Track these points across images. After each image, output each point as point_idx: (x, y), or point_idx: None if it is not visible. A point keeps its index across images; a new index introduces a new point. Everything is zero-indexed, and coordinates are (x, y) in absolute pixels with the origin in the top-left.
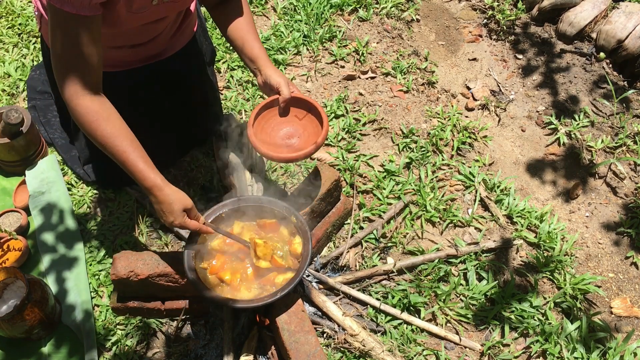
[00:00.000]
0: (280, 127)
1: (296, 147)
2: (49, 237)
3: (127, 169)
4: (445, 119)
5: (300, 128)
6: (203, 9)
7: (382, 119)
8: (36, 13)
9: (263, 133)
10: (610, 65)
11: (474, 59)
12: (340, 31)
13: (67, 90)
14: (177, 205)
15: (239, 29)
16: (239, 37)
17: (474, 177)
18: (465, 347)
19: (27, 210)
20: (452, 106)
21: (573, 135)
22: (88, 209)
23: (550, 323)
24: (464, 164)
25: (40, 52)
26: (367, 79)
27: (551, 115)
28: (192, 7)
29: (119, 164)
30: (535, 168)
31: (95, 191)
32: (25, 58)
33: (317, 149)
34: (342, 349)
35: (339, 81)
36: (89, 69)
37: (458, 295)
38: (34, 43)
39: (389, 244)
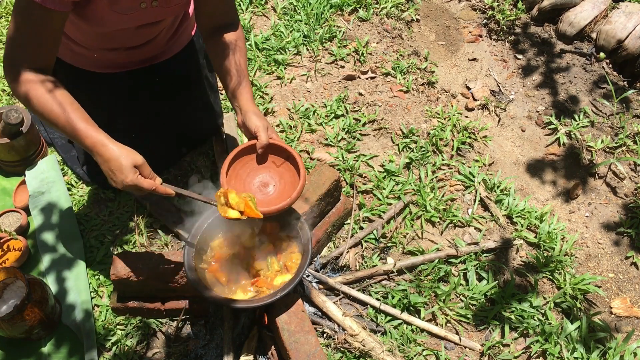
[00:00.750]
0: (256, 173)
1: (269, 199)
2: (48, 237)
3: (68, 131)
4: (445, 119)
5: (277, 176)
6: None
7: (382, 119)
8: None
9: (237, 180)
10: (610, 65)
11: (474, 59)
12: (340, 31)
13: (12, 68)
14: (125, 160)
15: (228, 63)
16: (226, 71)
17: (474, 177)
18: (465, 347)
19: (27, 210)
20: (452, 106)
21: (573, 135)
22: (88, 209)
23: (550, 323)
24: (464, 164)
25: None
26: (367, 79)
27: (551, 115)
28: (191, 10)
29: (61, 131)
30: (535, 168)
31: (95, 191)
32: None
33: (290, 204)
34: (342, 349)
35: (339, 81)
36: (38, 56)
37: (458, 295)
38: None
39: (389, 244)
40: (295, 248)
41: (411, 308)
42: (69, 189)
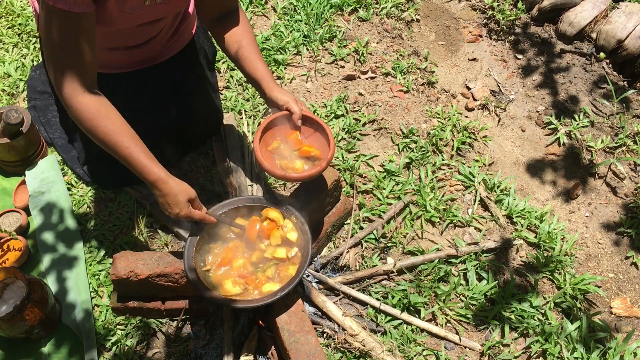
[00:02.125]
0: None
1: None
2: (48, 237)
3: (130, 164)
4: (445, 119)
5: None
6: None
7: (382, 119)
8: (34, 13)
9: (267, 150)
10: (610, 65)
11: (474, 59)
12: (340, 31)
13: (65, 88)
14: (182, 196)
15: (241, 47)
16: (241, 57)
17: (474, 177)
18: (465, 347)
19: (27, 210)
20: (452, 106)
21: (573, 135)
22: (88, 209)
23: (550, 323)
24: (464, 164)
25: (40, 52)
26: (367, 79)
27: (551, 115)
28: (191, 9)
29: (121, 161)
30: (535, 168)
31: (95, 191)
32: (25, 58)
33: (322, 170)
34: (342, 349)
35: (339, 81)
36: (84, 66)
37: (458, 295)
38: (34, 43)
39: (389, 244)
40: (294, 247)
41: (411, 308)
42: (69, 189)
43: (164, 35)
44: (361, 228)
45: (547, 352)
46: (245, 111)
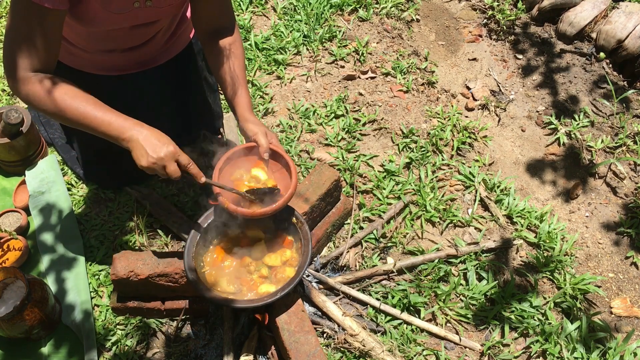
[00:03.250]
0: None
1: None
2: (48, 237)
3: (98, 125)
4: (445, 119)
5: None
6: None
7: (382, 119)
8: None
9: (229, 181)
10: (610, 65)
11: (474, 59)
12: (340, 31)
13: (15, 71)
14: (166, 136)
15: (224, 71)
16: (223, 79)
17: (474, 177)
18: (465, 347)
19: (27, 210)
20: (452, 106)
21: (573, 135)
22: (88, 209)
23: (550, 323)
24: (464, 164)
25: None
26: (367, 79)
27: (551, 115)
28: (188, 13)
29: (87, 129)
30: (535, 168)
31: (95, 191)
32: None
33: (278, 209)
34: (342, 349)
35: (339, 81)
36: (41, 57)
37: (458, 295)
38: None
39: (389, 244)
40: (293, 248)
41: (411, 308)
42: (69, 189)
43: (161, 38)
44: (361, 228)
45: (547, 352)
46: None
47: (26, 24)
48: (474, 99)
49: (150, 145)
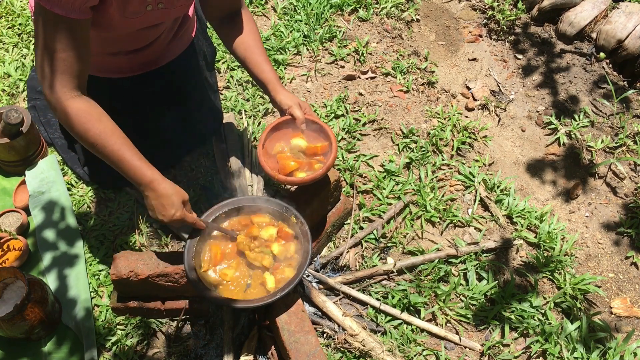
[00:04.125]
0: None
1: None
2: (48, 237)
3: (122, 167)
4: (445, 119)
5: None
6: None
7: (382, 119)
8: (33, 17)
9: (272, 156)
10: (610, 65)
11: (474, 59)
12: (340, 31)
13: (55, 91)
14: (176, 197)
15: (247, 49)
16: (248, 59)
17: (474, 177)
18: (465, 347)
19: (27, 210)
20: (452, 106)
21: (573, 135)
22: (88, 209)
23: (550, 323)
24: (464, 164)
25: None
26: (367, 79)
27: (551, 115)
28: (190, 12)
29: (112, 164)
30: (535, 168)
31: (95, 191)
32: (25, 58)
33: (324, 173)
34: (342, 349)
35: (339, 81)
36: (75, 71)
37: (458, 295)
38: (33, 43)
39: (389, 244)
40: (293, 248)
41: (411, 308)
42: (69, 189)
43: (164, 39)
44: (361, 228)
45: (547, 352)
46: (245, 111)
47: (57, 39)
48: (474, 99)
49: (161, 208)
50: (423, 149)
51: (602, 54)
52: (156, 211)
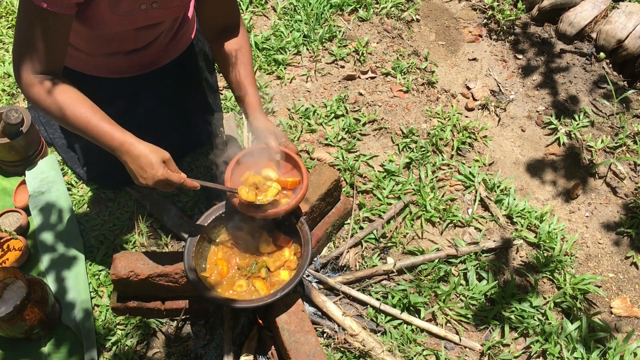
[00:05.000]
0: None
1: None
2: (48, 237)
3: (91, 133)
4: (445, 119)
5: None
6: None
7: (382, 119)
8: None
9: (239, 182)
10: (610, 65)
11: (474, 59)
12: (340, 31)
13: (24, 73)
14: (154, 156)
15: (235, 67)
16: (233, 78)
17: (474, 177)
18: (465, 347)
19: (27, 210)
20: (452, 106)
21: (573, 135)
22: (88, 209)
23: (550, 323)
24: (464, 164)
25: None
26: (367, 79)
27: (551, 115)
28: (190, 13)
29: (82, 133)
30: (535, 168)
31: (95, 191)
32: None
33: (289, 210)
34: (342, 349)
35: (339, 81)
36: (48, 60)
37: (458, 295)
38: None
39: (389, 244)
40: (293, 248)
41: (411, 308)
42: (69, 189)
43: (163, 40)
44: (361, 228)
45: (547, 352)
46: None
47: (33, 28)
48: (474, 99)
49: (140, 171)
50: (423, 149)
51: (602, 54)
52: (137, 175)
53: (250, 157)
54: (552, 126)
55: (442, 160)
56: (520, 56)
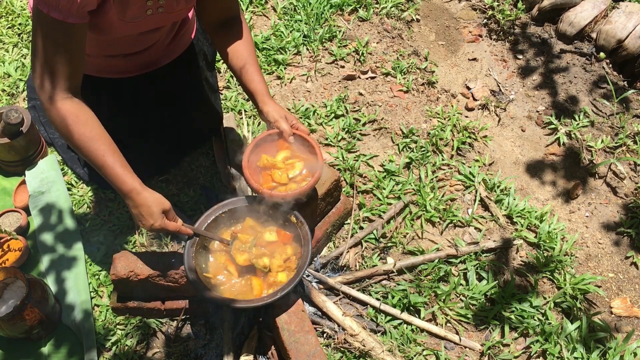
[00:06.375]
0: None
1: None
2: (48, 237)
3: (104, 172)
4: (445, 119)
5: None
6: None
7: (382, 119)
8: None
9: (256, 167)
10: (610, 65)
11: (474, 59)
12: (340, 31)
13: (46, 92)
14: (155, 207)
15: (240, 58)
16: (239, 67)
17: (474, 177)
18: (465, 347)
19: (27, 210)
20: (452, 106)
21: (573, 135)
22: (88, 209)
23: (550, 323)
24: (464, 164)
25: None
26: (367, 79)
27: (551, 115)
28: (190, 13)
29: (96, 169)
30: (535, 168)
31: (95, 191)
32: (25, 58)
33: (309, 189)
34: (342, 349)
35: (339, 81)
36: (70, 73)
37: (458, 295)
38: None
39: (389, 244)
40: (293, 248)
41: (411, 308)
42: (69, 189)
43: (163, 41)
44: (361, 228)
45: (547, 352)
46: (245, 111)
47: (50, 43)
48: (474, 99)
49: (140, 217)
50: (423, 149)
51: (602, 54)
52: (136, 219)
53: (264, 142)
54: (552, 126)
55: (442, 160)
56: (520, 56)
